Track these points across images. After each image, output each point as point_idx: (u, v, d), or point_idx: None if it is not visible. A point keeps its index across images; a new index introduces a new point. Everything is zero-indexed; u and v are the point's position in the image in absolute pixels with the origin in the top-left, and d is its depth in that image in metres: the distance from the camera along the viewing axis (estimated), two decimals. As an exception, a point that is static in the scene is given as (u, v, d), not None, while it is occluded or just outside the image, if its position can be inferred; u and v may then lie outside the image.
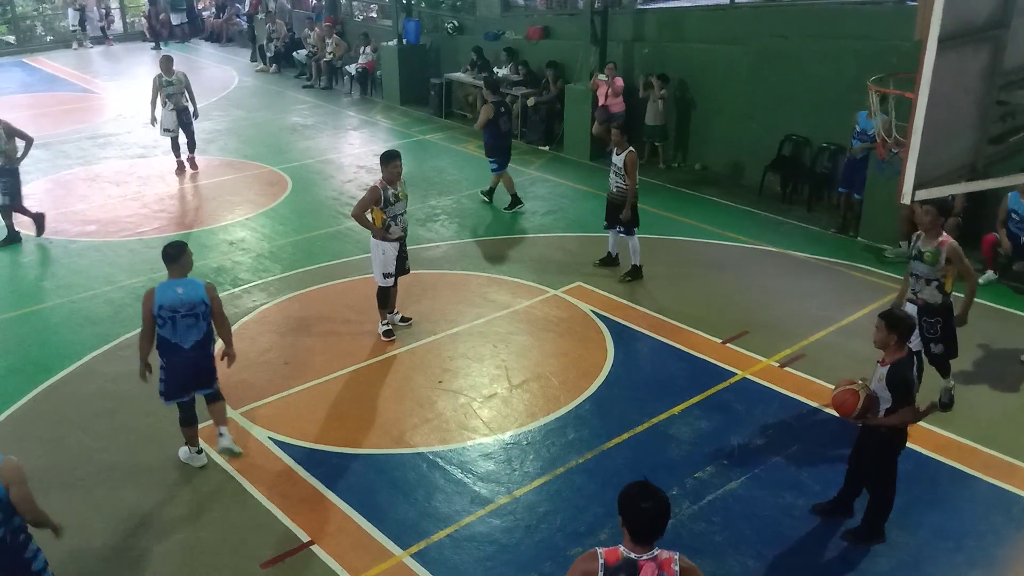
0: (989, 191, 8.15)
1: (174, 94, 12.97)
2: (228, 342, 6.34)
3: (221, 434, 6.57)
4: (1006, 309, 8.80)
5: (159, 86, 12.95)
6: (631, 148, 9.31)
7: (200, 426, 6.53)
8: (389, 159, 7.94)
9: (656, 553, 3.50)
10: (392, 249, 8.05)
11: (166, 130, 13.21)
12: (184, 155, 13.57)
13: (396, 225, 8.00)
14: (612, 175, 9.39)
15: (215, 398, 6.50)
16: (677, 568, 3.50)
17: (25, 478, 4.24)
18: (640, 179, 12.78)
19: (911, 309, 6.86)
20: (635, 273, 9.52)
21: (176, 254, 6.02)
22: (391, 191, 7.90)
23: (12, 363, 7.98)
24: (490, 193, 12.05)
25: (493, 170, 11.87)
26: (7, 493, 4.13)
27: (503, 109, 11.68)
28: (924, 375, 7.33)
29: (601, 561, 3.50)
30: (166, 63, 13.11)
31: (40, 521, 4.37)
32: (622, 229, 9.45)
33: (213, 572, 5.54)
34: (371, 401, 7.45)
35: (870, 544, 5.66)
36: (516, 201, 11.83)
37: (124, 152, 14.60)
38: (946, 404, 7.09)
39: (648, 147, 13.60)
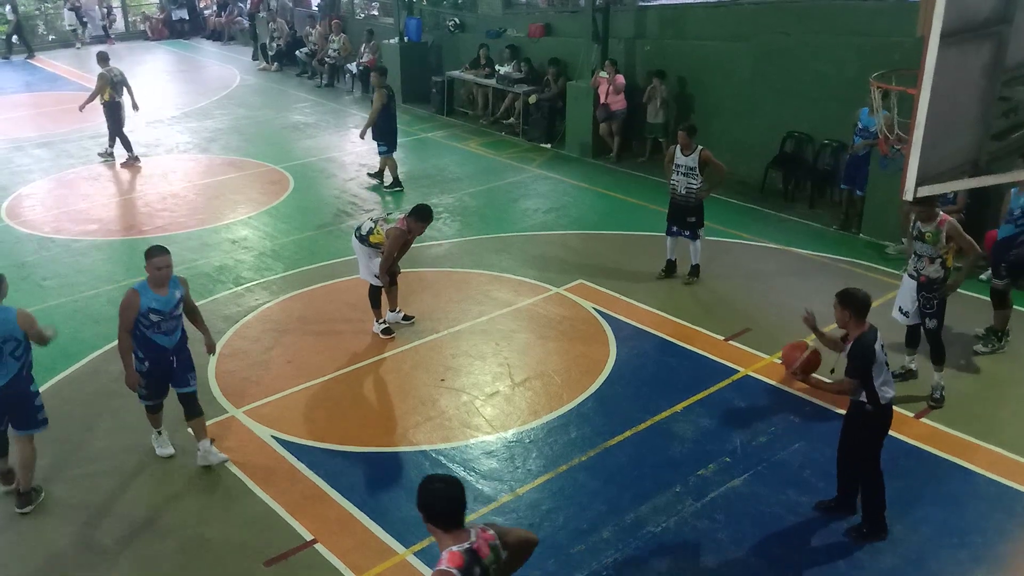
0: (991, 187, 8.14)
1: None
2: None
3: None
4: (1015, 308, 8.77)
5: None
6: (701, 146, 8.98)
7: (209, 423, 6.70)
8: (425, 218, 7.86)
9: (471, 531, 3.49)
10: (376, 254, 8.02)
11: None
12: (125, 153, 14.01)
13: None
14: (681, 176, 8.97)
15: None
16: (492, 532, 3.53)
17: (36, 320, 5.74)
18: (641, 176, 12.94)
19: (911, 285, 7.06)
20: (695, 272, 9.40)
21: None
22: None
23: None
24: (379, 174, 12.67)
25: (381, 152, 12.42)
26: (26, 335, 5.64)
27: (392, 94, 12.28)
28: (918, 373, 7.42)
29: (455, 570, 3.37)
30: (97, 58, 13.82)
31: (45, 341, 5.82)
32: (688, 232, 9.18)
33: (216, 570, 5.55)
34: (373, 399, 7.47)
35: (873, 540, 5.66)
36: (396, 183, 12.49)
37: (125, 151, 14.58)
38: (937, 400, 7.11)
39: (650, 144, 13.61)
